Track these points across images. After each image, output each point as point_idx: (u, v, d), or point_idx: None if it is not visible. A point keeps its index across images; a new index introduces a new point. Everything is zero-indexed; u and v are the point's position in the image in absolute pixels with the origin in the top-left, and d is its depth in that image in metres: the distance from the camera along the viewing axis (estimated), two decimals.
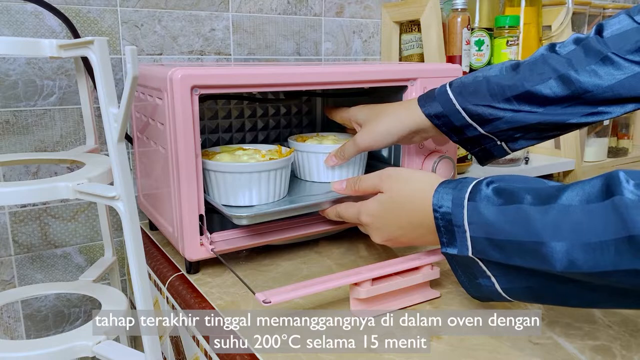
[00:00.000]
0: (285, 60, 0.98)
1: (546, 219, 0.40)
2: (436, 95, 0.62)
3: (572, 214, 0.39)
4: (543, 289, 0.43)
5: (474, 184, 0.47)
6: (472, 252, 0.45)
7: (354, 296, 0.54)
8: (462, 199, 0.46)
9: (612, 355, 0.47)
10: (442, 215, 0.47)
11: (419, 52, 1.00)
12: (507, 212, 0.42)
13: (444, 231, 0.48)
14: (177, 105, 0.57)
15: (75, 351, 0.52)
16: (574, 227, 0.38)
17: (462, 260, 0.47)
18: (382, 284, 0.54)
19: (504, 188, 0.44)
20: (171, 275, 0.65)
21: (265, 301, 0.48)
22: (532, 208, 0.41)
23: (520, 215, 0.41)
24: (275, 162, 0.64)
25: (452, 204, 0.47)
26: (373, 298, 0.54)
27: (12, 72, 0.76)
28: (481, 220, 0.44)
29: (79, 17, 0.79)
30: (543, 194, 0.41)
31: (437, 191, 0.49)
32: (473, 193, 0.45)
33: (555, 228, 0.39)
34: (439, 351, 0.48)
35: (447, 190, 0.48)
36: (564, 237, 0.38)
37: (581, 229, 0.38)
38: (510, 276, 0.45)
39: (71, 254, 0.85)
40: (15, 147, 0.78)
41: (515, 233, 0.41)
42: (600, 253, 0.37)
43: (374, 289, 0.53)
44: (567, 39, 0.59)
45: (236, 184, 0.63)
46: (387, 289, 0.54)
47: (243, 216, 0.60)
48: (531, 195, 0.42)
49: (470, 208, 0.45)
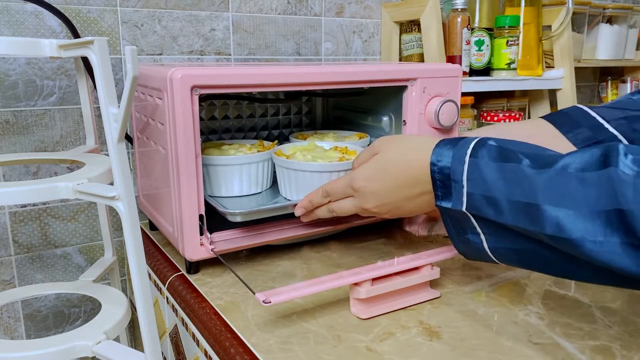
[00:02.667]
0: (285, 60, 0.98)
1: (542, 182, 0.40)
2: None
3: (568, 180, 0.39)
4: (529, 253, 0.43)
5: (477, 141, 0.47)
6: (466, 207, 0.46)
7: (354, 296, 0.54)
8: (463, 154, 0.46)
9: (612, 355, 0.47)
10: (439, 170, 0.47)
11: (419, 52, 1.00)
12: (505, 171, 0.43)
13: (440, 185, 0.48)
14: (177, 105, 0.57)
15: (75, 351, 0.52)
16: (567, 192, 0.38)
17: (455, 214, 0.47)
18: (382, 284, 0.54)
19: (506, 149, 0.44)
20: (171, 275, 0.65)
21: (265, 301, 0.48)
22: (530, 170, 0.41)
23: (518, 176, 0.42)
24: (260, 155, 0.68)
25: (452, 159, 0.47)
26: (373, 298, 0.54)
27: (12, 72, 0.76)
28: (480, 177, 0.44)
29: (79, 17, 0.79)
30: (542, 158, 0.42)
31: (437, 147, 0.49)
32: (475, 150, 0.46)
33: (550, 192, 0.39)
34: (439, 351, 0.48)
35: (448, 147, 0.48)
36: (557, 202, 0.39)
37: (574, 196, 0.38)
38: (499, 236, 0.45)
39: (71, 254, 0.85)
40: (15, 147, 0.78)
41: (511, 192, 0.42)
42: (590, 222, 0.37)
43: (373, 289, 0.53)
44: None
45: (228, 176, 0.67)
46: (387, 289, 0.54)
47: (237, 213, 0.61)
48: (530, 158, 0.42)
49: (471, 164, 0.45)
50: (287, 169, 0.66)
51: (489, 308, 0.55)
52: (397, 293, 0.56)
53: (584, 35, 1.25)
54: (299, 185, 0.66)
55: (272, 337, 0.50)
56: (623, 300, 0.57)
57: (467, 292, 0.59)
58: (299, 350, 0.48)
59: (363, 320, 0.53)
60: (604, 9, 1.26)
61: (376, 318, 0.53)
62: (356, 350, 0.48)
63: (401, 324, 0.52)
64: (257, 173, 0.69)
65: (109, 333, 0.54)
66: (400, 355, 0.47)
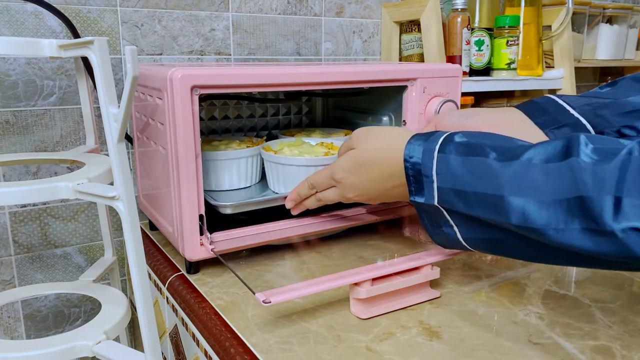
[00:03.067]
0: (285, 60, 0.98)
1: (507, 174, 0.42)
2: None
3: (532, 171, 0.40)
4: (500, 242, 0.45)
5: (445, 136, 0.48)
6: (438, 201, 0.47)
7: (354, 296, 0.54)
8: (432, 150, 0.48)
9: (612, 355, 0.47)
10: (412, 165, 0.49)
11: (419, 52, 1.00)
12: (472, 165, 0.44)
13: (413, 180, 0.49)
14: (177, 105, 0.57)
15: (75, 351, 0.52)
16: (532, 184, 0.40)
17: (428, 208, 0.49)
18: (382, 284, 0.54)
19: (473, 143, 0.46)
20: (171, 275, 0.65)
21: (265, 301, 0.48)
22: (496, 163, 0.43)
23: (484, 169, 0.43)
24: (249, 150, 0.71)
25: (422, 155, 0.48)
26: (373, 298, 0.54)
27: (12, 72, 0.76)
28: (448, 171, 0.46)
29: (79, 17, 0.79)
30: (508, 151, 0.43)
31: (409, 143, 0.50)
32: (443, 145, 0.47)
33: (515, 183, 0.41)
34: (439, 351, 0.48)
35: (419, 142, 0.50)
36: (522, 193, 0.40)
37: (538, 187, 0.40)
38: (471, 227, 0.47)
39: (71, 254, 0.85)
40: (15, 147, 0.78)
41: (478, 185, 0.43)
42: (554, 211, 0.39)
43: (373, 289, 0.53)
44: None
45: (218, 170, 0.69)
46: (387, 289, 0.54)
47: (227, 205, 0.64)
48: (497, 151, 0.44)
49: (440, 159, 0.47)
50: (274, 163, 0.69)
51: (489, 308, 0.55)
52: (397, 293, 0.56)
53: (584, 35, 1.25)
54: (287, 178, 0.68)
55: (272, 337, 0.50)
56: (623, 300, 0.57)
57: (467, 292, 0.59)
58: (299, 350, 0.48)
59: (363, 320, 0.53)
60: (604, 9, 1.26)
61: (376, 318, 0.53)
62: (356, 350, 0.48)
63: (401, 324, 0.52)
64: (247, 168, 0.72)
65: (109, 333, 0.54)
66: (400, 355, 0.47)
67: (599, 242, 0.37)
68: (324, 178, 0.60)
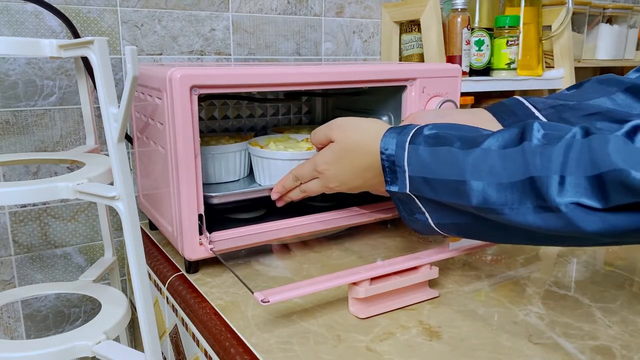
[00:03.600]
0: (285, 60, 0.98)
1: (468, 161, 0.45)
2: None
3: (490, 157, 0.44)
4: (466, 225, 0.49)
5: (416, 129, 0.51)
6: (410, 189, 0.51)
7: (352, 296, 0.54)
8: (404, 142, 0.51)
9: (612, 355, 0.47)
10: (387, 157, 0.52)
11: (419, 52, 1.00)
12: (438, 154, 0.48)
13: (388, 171, 0.52)
14: (177, 105, 0.57)
15: (75, 351, 0.52)
16: (491, 168, 0.44)
17: (402, 197, 0.52)
18: (381, 283, 0.54)
19: (440, 134, 0.49)
20: (171, 275, 0.65)
21: (264, 300, 0.48)
22: (459, 151, 0.46)
23: (448, 157, 0.47)
24: (237, 145, 0.73)
25: (395, 147, 0.51)
26: (372, 297, 0.54)
27: (12, 72, 0.76)
28: (418, 161, 0.49)
29: (79, 17, 0.79)
30: (470, 139, 0.47)
31: (384, 136, 0.53)
32: (414, 137, 0.50)
33: (475, 169, 0.44)
34: (439, 351, 0.48)
35: (393, 135, 0.52)
36: (482, 177, 0.44)
37: (496, 171, 0.43)
38: (440, 212, 0.50)
39: (71, 254, 0.85)
40: (15, 147, 0.78)
41: (443, 172, 0.47)
42: (510, 192, 0.42)
43: (372, 288, 0.53)
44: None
45: (207, 164, 0.71)
46: (385, 289, 0.54)
47: (213, 196, 0.65)
48: (461, 141, 0.47)
49: (410, 150, 0.50)
50: (260, 157, 0.72)
51: (489, 308, 0.55)
52: (395, 292, 0.56)
53: (584, 35, 1.24)
54: (272, 172, 0.71)
55: (272, 337, 0.50)
56: (623, 300, 0.57)
57: (467, 292, 0.59)
58: (299, 350, 0.48)
59: (363, 320, 0.53)
60: (604, 9, 1.26)
61: (376, 318, 0.53)
62: (356, 350, 0.48)
63: (401, 324, 0.52)
64: (235, 162, 0.74)
65: (109, 333, 0.54)
66: (400, 355, 0.47)
67: (547, 219, 0.41)
68: (307, 170, 0.63)
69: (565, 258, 0.69)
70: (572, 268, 0.66)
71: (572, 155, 0.39)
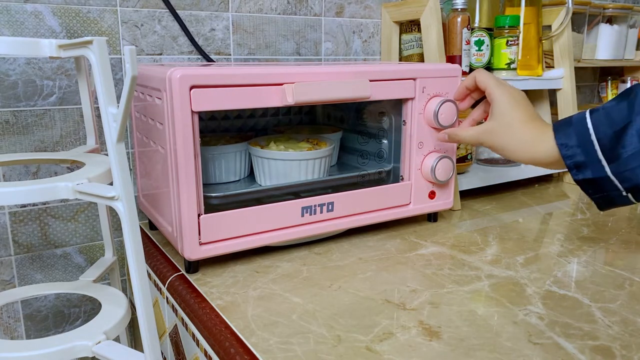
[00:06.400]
0: (285, 60, 0.98)
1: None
2: (574, 122, 0.58)
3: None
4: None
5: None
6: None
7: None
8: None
9: (612, 355, 0.46)
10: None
11: (419, 52, 1.00)
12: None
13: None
14: (176, 105, 0.57)
15: (75, 351, 0.52)
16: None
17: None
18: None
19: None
20: (171, 275, 0.65)
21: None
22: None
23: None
24: (237, 145, 0.73)
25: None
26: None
27: (12, 72, 0.76)
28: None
29: (79, 17, 0.79)
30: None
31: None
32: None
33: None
34: (439, 351, 0.48)
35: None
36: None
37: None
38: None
39: (71, 254, 0.85)
40: (15, 147, 0.78)
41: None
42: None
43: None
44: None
45: (207, 164, 0.72)
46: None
47: (213, 196, 0.66)
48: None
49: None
50: (261, 157, 0.72)
51: (489, 308, 0.55)
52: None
53: (584, 35, 1.24)
54: (272, 172, 0.71)
55: (272, 337, 0.50)
56: (623, 300, 0.57)
57: (467, 292, 0.59)
58: (299, 350, 0.48)
59: (363, 320, 0.53)
60: (604, 9, 1.26)
61: (376, 318, 0.53)
62: (356, 350, 0.48)
63: (401, 324, 0.52)
64: (235, 162, 0.74)
65: (109, 333, 0.54)
66: (400, 355, 0.47)
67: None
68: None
69: (565, 258, 0.69)
70: (572, 268, 0.66)
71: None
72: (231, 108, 0.60)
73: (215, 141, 0.76)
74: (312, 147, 0.74)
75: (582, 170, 0.56)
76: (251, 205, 0.65)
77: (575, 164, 0.56)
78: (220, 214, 0.63)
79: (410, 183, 0.77)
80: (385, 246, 0.73)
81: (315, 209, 0.69)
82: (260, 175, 0.74)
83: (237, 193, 0.68)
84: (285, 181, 0.72)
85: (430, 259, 0.68)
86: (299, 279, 0.62)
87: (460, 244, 0.73)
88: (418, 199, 0.77)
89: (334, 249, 0.72)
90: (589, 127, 0.55)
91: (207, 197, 0.65)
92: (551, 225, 0.83)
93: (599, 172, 0.55)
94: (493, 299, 0.57)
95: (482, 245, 0.73)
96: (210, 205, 0.66)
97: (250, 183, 0.75)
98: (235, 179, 0.76)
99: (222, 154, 0.73)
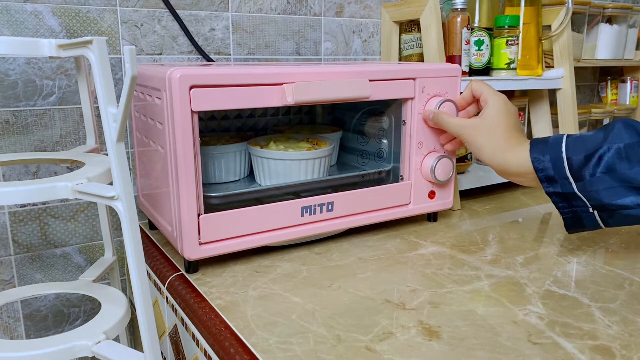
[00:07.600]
0: (285, 60, 0.98)
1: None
2: (550, 142, 0.62)
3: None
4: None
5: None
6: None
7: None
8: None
9: (612, 355, 0.46)
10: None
11: (419, 52, 1.00)
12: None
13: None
14: (176, 105, 0.57)
15: (75, 351, 0.52)
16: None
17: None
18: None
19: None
20: (171, 275, 0.65)
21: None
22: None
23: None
24: (237, 145, 0.73)
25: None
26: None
27: (12, 72, 0.76)
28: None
29: (79, 17, 0.79)
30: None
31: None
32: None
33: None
34: (439, 351, 0.48)
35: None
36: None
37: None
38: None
39: (71, 254, 0.85)
40: (15, 147, 0.78)
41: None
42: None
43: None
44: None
45: (207, 165, 0.72)
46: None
47: (213, 197, 0.66)
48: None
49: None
50: (261, 157, 0.72)
51: (489, 308, 0.55)
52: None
53: (584, 35, 1.24)
54: (272, 172, 0.71)
55: (272, 337, 0.50)
56: (623, 300, 0.57)
57: (467, 292, 0.59)
58: (299, 350, 0.48)
59: (363, 320, 0.53)
60: (604, 9, 1.26)
61: (376, 318, 0.53)
62: (356, 350, 0.48)
63: (401, 324, 0.52)
64: (235, 162, 0.75)
65: (109, 333, 0.54)
66: (400, 355, 0.47)
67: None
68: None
69: (565, 258, 0.69)
70: (572, 268, 0.66)
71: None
72: (231, 108, 0.60)
73: (215, 141, 0.76)
74: (312, 147, 0.74)
75: (553, 184, 0.61)
76: (251, 205, 0.65)
77: (547, 177, 0.61)
78: (220, 214, 0.63)
79: (410, 183, 0.77)
80: (385, 246, 0.73)
81: (315, 209, 0.69)
82: (260, 175, 0.74)
83: (237, 193, 0.68)
84: (285, 181, 0.72)
85: (430, 259, 0.68)
86: (299, 279, 0.62)
87: (460, 244, 0.73)
88: (418, 199, 0.77)
89: (333, 249, 0.72)
90: (562, 146, 0.60)
91: (207, 197, 0.65)
92: (551, 225, 0.83)
93: (567, 188, 0.60)
94: (493, 299, 0.57)
95: (482, 245, 0.73)
96: (210, 205, 0.66)
97: (250, 183, 0.75)
98: (235, 179, 0.76)
99: (222, 154, 0.73)
